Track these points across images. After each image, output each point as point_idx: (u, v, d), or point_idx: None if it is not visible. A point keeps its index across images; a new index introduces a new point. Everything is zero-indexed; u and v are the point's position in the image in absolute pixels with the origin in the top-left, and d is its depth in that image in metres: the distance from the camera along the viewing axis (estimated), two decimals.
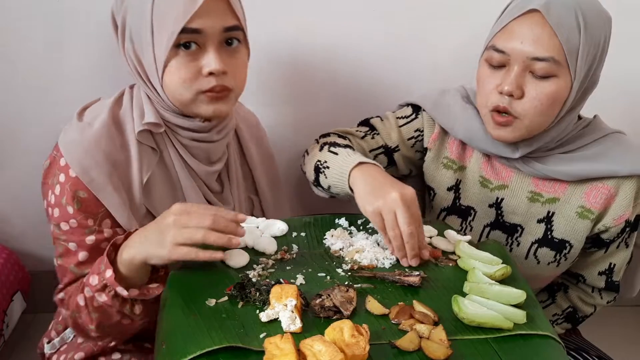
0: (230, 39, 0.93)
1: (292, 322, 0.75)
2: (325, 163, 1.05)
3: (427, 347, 0.73)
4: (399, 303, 0.81)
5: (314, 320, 0.77)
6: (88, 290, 0.88)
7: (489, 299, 0.81)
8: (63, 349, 1.09)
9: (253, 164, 1.15)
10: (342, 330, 0.71)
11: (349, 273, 0.88)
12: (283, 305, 0.76)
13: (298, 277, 0.86)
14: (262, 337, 0.73)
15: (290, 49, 1.32)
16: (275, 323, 0.76)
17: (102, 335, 0.95)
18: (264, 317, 0.76)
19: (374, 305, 0.80)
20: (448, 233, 1.00)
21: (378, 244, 0.95)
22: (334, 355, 0.67)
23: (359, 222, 1.02)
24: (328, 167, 1.04)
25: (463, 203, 1.17)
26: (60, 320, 1.12)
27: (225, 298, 0.80)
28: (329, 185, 1.04)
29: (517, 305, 0.81)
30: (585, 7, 0.95)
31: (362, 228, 1.00)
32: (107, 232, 0.95)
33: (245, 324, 0.76)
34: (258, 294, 0.80)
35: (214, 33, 0.90)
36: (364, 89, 1.38)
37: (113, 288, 0.86)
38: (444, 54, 1.33)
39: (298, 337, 0.72)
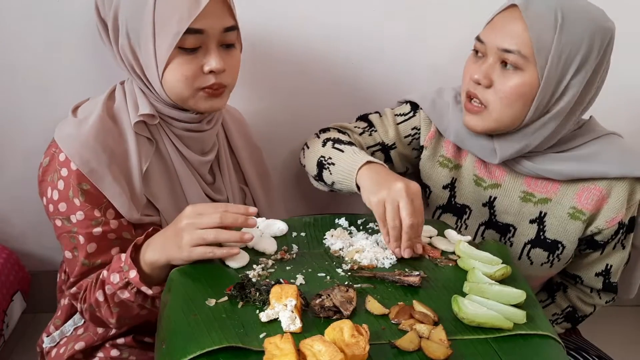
0: (228, 44, 0.97)
1: (292, 322, 0.75)
2: (330, 159, 1.05)
3: (427, 347, 0.73)
4: (399, 303, 0.81)
5: (314, 320, 0.77)
6: (109, 288, 0.92)
7: (489, 299, 0.81)
8: (63, 342, 1.10)
9: (240, 155, 1.18)
10: (342, 330, 0.71)
11: (349, 273, 0.88)
12: (283, 305, 0.76)
13: (298, 277, 0.86)
14: (262, 337, 0.73)
15: (289, 48, 1.32)
16: (275, 323, 0.76)
17: (120, 325, 1.00)
18: (264, 317, 0.76)
19: (374, 305, 0.80)
20: (448, 233, 1.00)
21: (378, 244, 0.95)
22: (334, 355, 0.67)
23: (359, 222, 1.02)
24: (333, 163, 1.04)
25: (458, 201, 1.17)
26: (59, 315, 1.13)
27: (225, 298, 0.80)
28: (333, 182, 1.04)
29: (517, 305, 0.81)
30: (570, 9, 0.96)
31: (362, 228, 1.00)
32: (112, 223, 0.97)
33: (245, 324, 0.76)
34: (258, 294, 0.80)
35: (215, 33, 0.93)
36: (363, 89, 1.38)
37: (136, 286, 0.90)
38: (444, 54, 1.33)
39: (298, 337, 0.72)
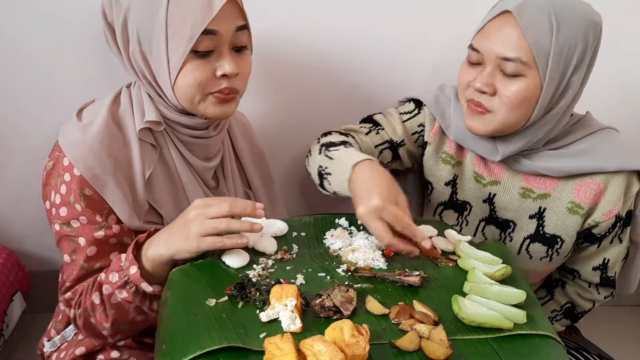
0: (240, 47, 0.96)
1: (292, 322, 0.75)
2: (327, 169, 1.05)
3: (427, 347, 0.73)
4: (399, 303, 0.81)
5: (314, 320, 0.77)
6: (107, 288, 0.91)
7: (489, 299, 0.81)
8: (63, 347, 1.09)
9: (244, 159, 1.18)
10: (342, 330, 0.71)
11: (349, 273, 0.88)
12: (283, 305, 0.76)
13: (298, 277, 0.86)
14: (262, 337, 0.73)
15: (291, 49, 1.32)
16: (275, 323, 0.76)
17: (113, 333, 0.97)
18: (264, 317, 0.76)
19: (374, 305, 0.80)
20: (448, 233, 1.00)
21: (378, 245, 0.95)
22: (334, 355, 0.67)
23: (359, 222, 1.01)
24: (330, 173, 1.04)
25: (459, 198, 1.18)
26: (60, 319, 1.12)
27: (225, 298, 0.80)
28: (335, 192, 1.04)
29: (517, 305, 0.81)
30: (562, 10, 0.96)
31: (362, 228, 1.00)
32: (115, 228, 0.96)
33: (246, 324, 0.76)
34: (258, 294, 0.80)
35: (227, 35, 0.92)
36: (365, 89, 1.39)
37: (135, 284, 0.89)
38: (444, 54, 1.33)
39: (298, 337, 0.72)
